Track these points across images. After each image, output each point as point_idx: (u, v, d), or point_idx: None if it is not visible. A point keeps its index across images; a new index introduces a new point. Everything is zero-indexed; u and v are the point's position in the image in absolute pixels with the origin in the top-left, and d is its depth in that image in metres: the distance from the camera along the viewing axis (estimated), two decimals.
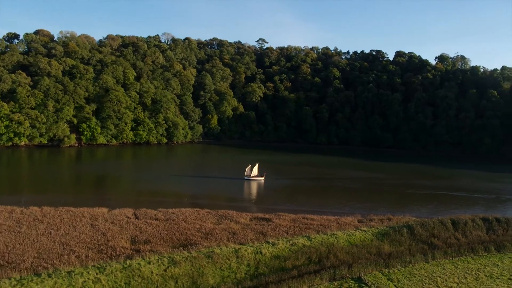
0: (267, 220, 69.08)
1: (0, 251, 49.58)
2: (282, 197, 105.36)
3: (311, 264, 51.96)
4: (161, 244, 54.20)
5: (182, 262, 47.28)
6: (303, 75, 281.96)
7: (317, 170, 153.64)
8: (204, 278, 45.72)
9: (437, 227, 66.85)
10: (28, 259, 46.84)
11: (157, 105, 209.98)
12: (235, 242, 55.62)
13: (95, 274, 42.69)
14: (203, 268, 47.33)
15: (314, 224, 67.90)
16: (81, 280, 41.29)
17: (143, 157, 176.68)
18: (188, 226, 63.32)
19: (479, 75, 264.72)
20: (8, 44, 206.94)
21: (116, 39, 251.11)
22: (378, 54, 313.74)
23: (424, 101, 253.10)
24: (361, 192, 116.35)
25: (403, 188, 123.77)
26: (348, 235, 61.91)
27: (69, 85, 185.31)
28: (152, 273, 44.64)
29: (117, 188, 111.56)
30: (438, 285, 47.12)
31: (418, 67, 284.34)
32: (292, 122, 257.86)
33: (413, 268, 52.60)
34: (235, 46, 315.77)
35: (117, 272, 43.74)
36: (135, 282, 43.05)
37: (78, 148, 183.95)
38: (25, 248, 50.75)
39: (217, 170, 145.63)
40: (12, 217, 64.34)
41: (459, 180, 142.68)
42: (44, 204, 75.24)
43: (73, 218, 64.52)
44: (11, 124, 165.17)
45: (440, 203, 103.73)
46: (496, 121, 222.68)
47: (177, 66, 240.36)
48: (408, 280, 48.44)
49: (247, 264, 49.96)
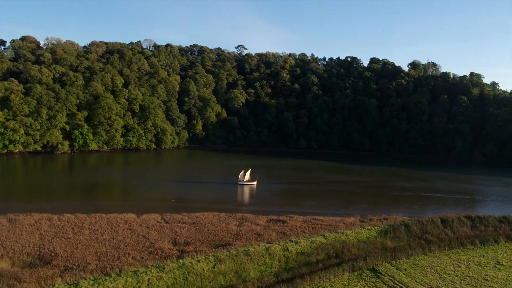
0: (282, 222, 77.64)
1: (61, 255, 55.67)
2: (283, 200, 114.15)
3: (330, 258, 60.75)
4: (200, 244, 61.84)
5: (226, 259, 55.32)
6: (283, 81, 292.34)
7: (305, 175, 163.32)
8: (246, 272, 53.78)
9: (429, 224, 77.08)
10: (91, 261, 53.16)
11: (145, 111, 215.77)
12: (263, 241, 63.93)
13: (157, 272, 50.07)
14: (244, 264, 55.47)
15: (324, 224, 76.89)
16: (147, 278, 48.59)
17: (137, 163, 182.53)
18: (216, 228, 71.22)
19: (450, 81, 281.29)
20: None
21: (101, 46, 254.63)
22: (353, 61, 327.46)
23: (398, 106, 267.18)
24: (352, 195, 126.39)
25: (387, 191, 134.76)
26: (356, 233, 71.32)
27: (60, 93, 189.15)
28: (203, 269, 52.40)
29: (127, 194, 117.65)
30: (438, 273, 56.69)
31: (392, 74, 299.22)
32: (273, 127, 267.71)
33: (415, 259, 62.13)
34: (216, 52, 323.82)
35: (175, 270, 51.32)
36: (191, 278, 50.66)
37: (71, 155, 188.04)
38: (83, 252, 57.07)
39: (209, 176, 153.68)
40: (53, 224, 70.27)
41: (436, 182, 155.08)
42: (66, 211, 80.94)
43: (110, 224, 71.08)
44: (6, 131, 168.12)
45: (424, 204, 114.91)
46: (466, 125, 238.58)
47: (162, 73, 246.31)
48: (413, 270, 57.82)
49: (278, 260, 58.37)
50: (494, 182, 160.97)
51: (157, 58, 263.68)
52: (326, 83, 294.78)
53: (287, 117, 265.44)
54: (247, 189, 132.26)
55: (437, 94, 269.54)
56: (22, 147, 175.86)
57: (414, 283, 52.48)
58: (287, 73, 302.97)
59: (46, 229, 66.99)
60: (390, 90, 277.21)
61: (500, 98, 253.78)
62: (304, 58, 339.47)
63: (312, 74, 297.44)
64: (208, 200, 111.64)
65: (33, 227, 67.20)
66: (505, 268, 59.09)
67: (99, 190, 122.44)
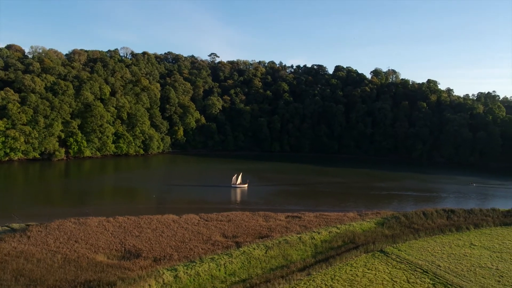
0: (298, 218, 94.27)
1: (144, 249, 68.06)
2: (283, 200, 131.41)
3: (347, 244, 77.88)
4: (245, 236, 77.25)
5: (273, 247, 71.43)
6: (256, 89, 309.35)
7: (291, 177, 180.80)
8: (290, 256, 70.00)
9: (414, 216, 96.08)
10: (172, 253, 66.32)
11: (132, 119, 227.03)
12: (292, 232, 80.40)
13: (228, 258, 65.13)
14: (286, 250, 71.76)
15: (332, 218, 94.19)
16: (222, 262, 63.58)
17: (135, 169, 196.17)
18: (249, 224, 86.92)
19: (409, 88, 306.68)
20: None
21: (83, 54, 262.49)
22: (319, 69, 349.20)
23: (363, 112, 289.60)
24: (339, 194, 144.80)
25: (367, 190, 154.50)
26: (360, 225, 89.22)
27: (54, 101, 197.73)
28: (259, 255, 68.17)
29: (142, 197, 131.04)
30: (429, 252, 74.88)
31: (357, 81, 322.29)
32: (248, 132, 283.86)
33: (409, 243, 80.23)
34: (190, 60, 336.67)
35: (240, 256, 66.78)
36: (253, 261, 66.19)
37: (67, 161, 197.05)
38: (159, 246, 70.09)
39: (202, 179, 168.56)
40: (115, 225, 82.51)
41: (405, 182, 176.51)
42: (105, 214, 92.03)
43: (163, 224, 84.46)
44: (7, 140, 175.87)
45: (400, 201, 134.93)
46: (426, 129, 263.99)
47: (144, 81, 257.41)
48: (410, 250, 75.79)
49: (309, 246, 75.07)
50: (454, 181, 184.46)
51: (137, 66, 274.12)
52: (296, 90, 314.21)
53: (262, 123, 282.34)
54: (239, 191, 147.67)
55: (399, 100, 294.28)
56: (23, 155, 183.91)
57: (415, 259, 70.37)
58: (259, 80, 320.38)
59: (113, 229, 79.95)
60: (356, 97, 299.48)
61: (455, 104, 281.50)
62: (273, 66, 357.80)
63: (282, 82, 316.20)
64: (215, 201, 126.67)
65: (101, 227, 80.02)
66: (477, 247, 78.29)
67: (117, 195, 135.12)
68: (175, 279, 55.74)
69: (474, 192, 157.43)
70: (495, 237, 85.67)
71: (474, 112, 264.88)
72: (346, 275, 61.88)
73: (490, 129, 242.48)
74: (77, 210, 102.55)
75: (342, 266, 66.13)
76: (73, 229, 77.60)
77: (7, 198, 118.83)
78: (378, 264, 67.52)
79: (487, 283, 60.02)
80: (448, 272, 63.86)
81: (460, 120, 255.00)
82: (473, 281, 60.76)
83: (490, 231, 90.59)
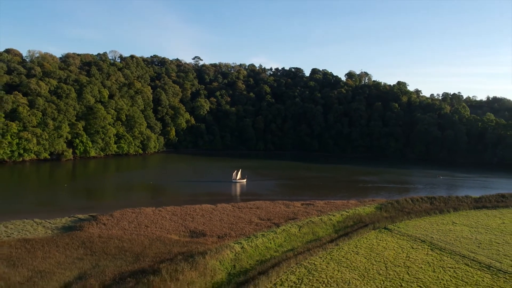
0: (312, 205, 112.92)
1: (206, 230, 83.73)
2: (287, 192, 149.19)
3: (357, 223, 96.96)
4: (279, 219, 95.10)
5: (303, 226, 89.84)
6: (240, 91, 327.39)
7: (285, 173, 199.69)
8: (317, 233, 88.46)
9: (404, 202, 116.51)
10: (229, 232, 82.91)
11: (130, 120, 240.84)
12: (313, 215, 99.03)
13: (273, 235, 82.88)
14: (313, 228, 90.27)
15: (339, 205, 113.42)
16: (271, 237, 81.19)
17: (139, 167, 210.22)
18: (274, 210, 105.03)
19: (382, 89, 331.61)
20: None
21: (76, 58, 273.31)
22: (297, 72, 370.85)
23: (340, 113, 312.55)
24: (332, 187, 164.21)
25: (354, 183, 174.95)
26: (363, 209, 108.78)
27: (60, 104, 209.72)
28: (295, 232, 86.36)
29: (162, 192, 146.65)
30: (422, 228, 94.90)
31: (333, 83, 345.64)
32: (235, 132, 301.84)
33: (405, 223, 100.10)
34: (175, 63, 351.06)
35: (282, 233, 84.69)
36: (292, 236, 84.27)
37: (74, 161, 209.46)
38: (216, 227, 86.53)
39: (203, 175, 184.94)
40: (168, 213, 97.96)
41: (385, 176, 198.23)
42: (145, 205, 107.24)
43: (206, 211, 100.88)
44: (21, 141, 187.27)
45: (387, 192, 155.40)
46: (398, 128, 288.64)
47: (137, 84, 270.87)
48: (407, 228, 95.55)
49: (329, 225, 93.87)
50: (426, 174, 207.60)
51: (129, 70, 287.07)
52: (277, 92, 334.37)
53: (247, 123, 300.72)
54: (239, 186, 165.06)
55: (372, 101, 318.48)
56: (35, 156, 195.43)
57: (412, 233, 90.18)
58: (242, 83, 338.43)
59: (169, 216, 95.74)
60: (333, 98, 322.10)
61: (424, 104, 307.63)
62: (254, 68, 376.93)
63: (264, 84, 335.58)
64: (226, 193, 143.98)
65: (157, 215, 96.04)
66: (458, 225, 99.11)
67: (141, 190, 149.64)
68: (242, 249, 73.25)
69: (443, 184, 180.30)
70: (471, 217, 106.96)
71: (442, 112, 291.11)
72: (365, 244, 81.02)
73: (457, 128, 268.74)
74: (115, 202, 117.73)
75: (359, 239, 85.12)
76: (135, 217, 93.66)
77: (50, 195, 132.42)
78: (386, 237, 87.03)
79: (470, 248, 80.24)
80: (440, 241, 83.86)
81: (429, 120, 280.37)
82: (460, 246, 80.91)
83: (467, 213, 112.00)
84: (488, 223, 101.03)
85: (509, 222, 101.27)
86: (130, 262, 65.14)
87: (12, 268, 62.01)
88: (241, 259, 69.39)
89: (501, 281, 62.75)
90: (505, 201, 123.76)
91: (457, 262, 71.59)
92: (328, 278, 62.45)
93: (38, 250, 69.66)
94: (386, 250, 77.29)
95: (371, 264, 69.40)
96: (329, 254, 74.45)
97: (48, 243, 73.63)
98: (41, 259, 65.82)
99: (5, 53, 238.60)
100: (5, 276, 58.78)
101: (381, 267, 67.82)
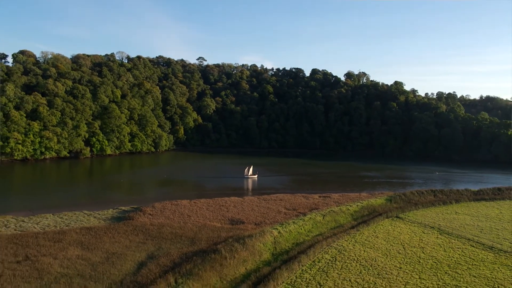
0: (329, 197, 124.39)
1: (244, 218, 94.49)
2: (299, 186, 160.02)
3: (372, 213, 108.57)
4: (303, 209, 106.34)
5: (326, 214, 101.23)
6: (243, 91, 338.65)
7: (292, 169, 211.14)
8: (339, 220, 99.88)
9: (410, 195, 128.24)
10: (264, 220, 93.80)
11: (142, 120, 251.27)
12: (332, 206, 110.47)
13: (302, 222, 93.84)
14: (335, 216, 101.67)
15: (352, 197, 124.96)
16: (301, 224, 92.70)
17: (152, 164, 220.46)
18: (296, 201, 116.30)
19: (380, 89, 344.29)
20: (12, 66, 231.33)
21: (86, 59, 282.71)
22: (298, 72, 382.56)
23: (341, 112, 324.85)
24: (339, 182, 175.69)
25: (360, 178, 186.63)
26: (374, 201, 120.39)
27: (77, 104, 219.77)
28: (320, 219, 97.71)
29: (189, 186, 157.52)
30: (430, 217, 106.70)
31: (333, 83, 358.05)
32: (240, 130, 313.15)
33: (413, 212, 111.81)
34: (180, 63, 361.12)
35: (309, 220, 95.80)
36: (318, 224, 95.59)
37: (91, 159, 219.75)
38: (251, 216, 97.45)
39: (217, 171, 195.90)
40: (203, 204, 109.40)
41: (386, 171, 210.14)
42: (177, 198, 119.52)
43: (238, 203, 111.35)
44: (43, 140, 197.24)
45: (391, 186, 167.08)
46: (397, 127, 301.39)
47: (147, 84, 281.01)
48: (416, 216, 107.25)
49: (348, 214, 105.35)
50: (425, 170, 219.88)
51: (138, 70, 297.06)
52: (279, 91, 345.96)
53: (251, 122, 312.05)
54: (251, 181, 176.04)
55: (371, 100, 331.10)
56: (55, 154, 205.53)
57: (422, 221, 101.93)
58: (246, 83, 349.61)
59: (205, 207, 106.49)
60: (333, 98, 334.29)
61: (421, 103, 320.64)
62: (256, 68, 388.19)
63: (267, 84, 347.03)
64: (243, 187, 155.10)
65: (194, 207, 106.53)
66: (461, 214, 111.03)
67: (165, 184, 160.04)
68: (279, 234, 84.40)
69: (440, 179, 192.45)
70: (471, 208, 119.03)
71: (438, 111, 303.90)
72: (382, 230, 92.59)
73: (453, 126, 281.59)
74: (148, 195, 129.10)
75: (376, 226, 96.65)
76: (175, 208, 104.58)
77: (84, 190, 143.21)
78: (399, 224, 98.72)
79: (473, 233, 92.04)
80: (447, 228, 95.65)
81: (427, 119, 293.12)
82: (464, 232, 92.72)
83: (467, 204, 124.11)
84: (487, 212, 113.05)
85: (506, 212, 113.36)
86: (188, 245, 76.01)
87: (87, 251, 72.49)
88: (279, 242, 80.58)
89: (502, 258, 74.44)
90: (501, 194, 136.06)
91: (464, 244, 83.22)
92: (357, 256, 73.84)
93: (104, 236, 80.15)
94: (401, 235, 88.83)
95: (390, 245, 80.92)
96: (353, 238, 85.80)
97: (109, 230, 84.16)
98: (109, 243, 76.27)
99: (20, 54, 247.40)
100: (85, 257, 69.42)
101: (400, 248, 79.31)
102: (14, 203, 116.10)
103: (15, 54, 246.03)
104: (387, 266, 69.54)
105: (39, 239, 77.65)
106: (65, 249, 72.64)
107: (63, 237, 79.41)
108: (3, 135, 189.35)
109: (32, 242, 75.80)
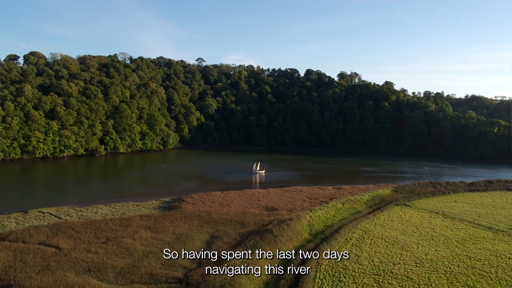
0: (342, 188, 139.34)
1: (277, 206, 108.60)
2: (308, 180, 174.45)
3: (383, 201, 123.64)
4: (323, 198, 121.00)
5: (345, 202, 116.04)
6: (243, 91, 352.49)
7: (295, 165, 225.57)
8: (356, 208, 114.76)
9: (412, 187, 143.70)
10: (294, 207, 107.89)
11: (151, 119, 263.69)
12: (348, 196, 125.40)
13: (326, 208, 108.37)
14: (352, 204, 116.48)
15: (362, 188, 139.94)
16: (326, 210, 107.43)
17: (164, 161, 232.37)
18: (313, 192, 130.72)
19: (372, 89, 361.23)
20: (26, 68, 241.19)
21: (93, 60, 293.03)
22: (293, 72, 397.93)
23: (336, 111, 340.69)
24: (343, 176, 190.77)
25: (361, 173, 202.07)
26: (382, 191, 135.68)
27: (91, 104, 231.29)
28: (340, 207, 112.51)
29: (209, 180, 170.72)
30: (432, 205, 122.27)
31: (327, 83, 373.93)
32: (241, 129, 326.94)
33: (418, 201, 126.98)
34: (181, 64, 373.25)
35: (332, 207, 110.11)
36: (340, 210, 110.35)
37: (106, 156, 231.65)
38: (281, 204, 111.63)
39: (225, 167, 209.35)
40: (234, 196, 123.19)
41: (383, 167, 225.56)
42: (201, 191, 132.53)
43: (262, 194, 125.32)
44: (62, 138, 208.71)
45: (391, 180, 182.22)
46: (389, 125, 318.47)
47: (152, 84, 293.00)
48: (421, 204, 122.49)
49: (362, 202, 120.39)
50: (417, 165, 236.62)
51: (142, 71, 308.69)
52: (276, 91, 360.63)
53: (251, 121, 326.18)
54: (259, 176, 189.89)
55: (364, 100, 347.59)
56: (73, 152, 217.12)
57: (427, 208, 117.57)
58: (244, 83, 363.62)
59: (238, 197, 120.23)
60: (328, 98, 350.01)
61: (411, 102, 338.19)
62: (253, 69, 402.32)
63: (265, 84, 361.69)
64: (259, 182, 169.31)
65: (227, 197, 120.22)
66: (459, 203, 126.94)
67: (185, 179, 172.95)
68: (311, 218, 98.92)
69: (431, 173, 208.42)
70: (467, 197, 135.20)
71: (427, 110, 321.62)
72: (395, 215, 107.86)
73: (442, 125, 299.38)
74: (176, 188, 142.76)
75: (388, 212, 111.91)
76: (211, 198, 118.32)
77: (115, 184, 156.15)
78: (408, 210, 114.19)
79: (473, 217, 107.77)
80: (449, 213, 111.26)
81: (417, 117, 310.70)
82: (465, 216, 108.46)
83: (463, 194, 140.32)
84: (482, 201, 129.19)
85: (499, 201, 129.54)
86: (240, 227, 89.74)
87: (157, 233, 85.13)
88: (313, 225, 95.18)
89: (500, 236, 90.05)
90: (492, 185, 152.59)
91: (466, 225, 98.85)
92: (380, 235, 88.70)
93: (165, 221, 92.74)
94: (412, 219, 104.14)
95: (405, 227, 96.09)
96: (372, 221, 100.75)
97: (167, 217, 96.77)
98: (172, 227, 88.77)
99: (31, 55, 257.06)
100: (158, 237, 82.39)
101: (414, 229, 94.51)
102: (61, 197, 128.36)
103: (27, 55, 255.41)
104: (407, 242, 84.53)
105: (109, 225, 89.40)
106: (137, 232, 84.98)
107: (129, 223, 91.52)
108: (25, 134, 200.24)
109: (105, 228, 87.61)
